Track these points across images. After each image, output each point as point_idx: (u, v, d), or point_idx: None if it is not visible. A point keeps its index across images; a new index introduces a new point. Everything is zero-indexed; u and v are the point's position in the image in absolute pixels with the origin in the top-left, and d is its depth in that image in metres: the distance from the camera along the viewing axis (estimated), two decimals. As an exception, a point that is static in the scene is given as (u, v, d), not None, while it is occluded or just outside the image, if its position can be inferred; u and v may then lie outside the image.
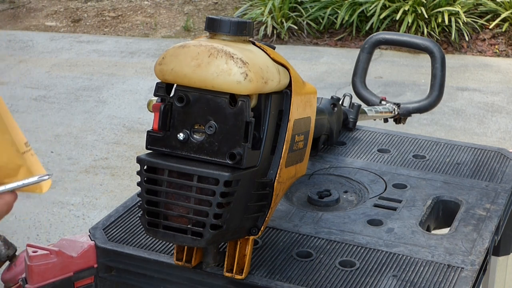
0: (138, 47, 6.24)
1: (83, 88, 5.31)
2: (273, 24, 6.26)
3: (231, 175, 1.07)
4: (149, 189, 1.11)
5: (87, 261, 1.28)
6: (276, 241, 1.30)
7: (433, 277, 1.21)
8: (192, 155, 1.10)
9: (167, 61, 1.10)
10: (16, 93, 5.20)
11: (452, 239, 1.31)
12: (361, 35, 6.28)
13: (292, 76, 1.15)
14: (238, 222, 1.13)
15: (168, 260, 1.25)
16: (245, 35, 1.13)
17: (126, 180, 3.97)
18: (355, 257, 1.26)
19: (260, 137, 1.12)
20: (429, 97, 1.85)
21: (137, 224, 1.36)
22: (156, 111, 1.12)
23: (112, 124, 4.71)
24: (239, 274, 1.19)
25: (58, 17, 7.08)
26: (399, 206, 1.41)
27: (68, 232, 3.49)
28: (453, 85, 5.33)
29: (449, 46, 6.10)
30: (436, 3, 6.14)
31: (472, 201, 1.44)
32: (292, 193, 1.47)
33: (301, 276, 1.21)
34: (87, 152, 4.32)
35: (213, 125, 1.09)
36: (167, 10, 7.17)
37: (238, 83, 1.06)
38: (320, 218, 1.37)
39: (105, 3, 7.36)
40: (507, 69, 5.77)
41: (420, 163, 1.60)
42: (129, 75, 5.57)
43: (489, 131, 4.66)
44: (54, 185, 3.92)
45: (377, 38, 1.90)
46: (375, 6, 6.13)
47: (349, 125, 1.71)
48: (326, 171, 1.55)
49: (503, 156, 1.64)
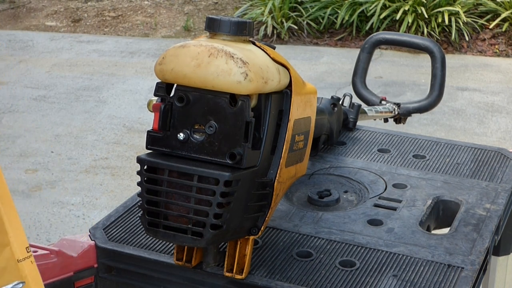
0: (138, 47, 6.24)
1: (83, 88, 5.30)
2: (273, 24, 6.25)
3: (231, 175, 1.07)
4: (149, 189, 1.11)
5: (87, 261, 1.28)
6: (276, 241, 1.30)
7: (433, 277, 1.21)
8: (192, 155, 1.10)
9: (167, 61, 1.10)
10: (16, 93, 5.20)
11: (452, 239, 1.31)
12: (361, 35, 6.27)
13: (292, 76, 1.15)
14: (238, 222, 1.12)
15: (168, 260, 1.25)
16: (245, 35, 1.13)
17: (126, 180, 3.97)
18: (355, 257, 1.26)
19: (260, 137, 1.12)
20: (429, 97, 1.85)
21: (137, 224, 1.36)
22: (156, 111, 1.12)
23: (112, 124, 4.71)
24: (239, 274, 1.19)
25: (58, 17, 7.08)
26: (399, 206, 1.41)
27: (68, 232, 3.49)
28: (453, 85, 5.33)
29: (449, 46, 6.10)
30: (436, 3, 6.13)
31: (472, 201, 1.44)
32: (292, 193, 1.46)
33: (301, 276, 1.21)
34: (87, 152, 4.32)
35: (213, 125, 1.09)
36: (167, 10, 7.16)
37: (238, 83, 1.06)
38: (320, 218, 1.37)
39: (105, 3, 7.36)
40: (507, 69, 5.76)
41: (420, 163, 1.60)
42: (129, 75, 5.56)
43: (489, 131, 4.66)
44: (54, 185, 3.92)
45: (377, 38, 1.90)
46: (375, 6, 6.12)
47: (349, 125, 1.71)
48: (326, 171, 1.55)
49: (503, 156, 1.64)
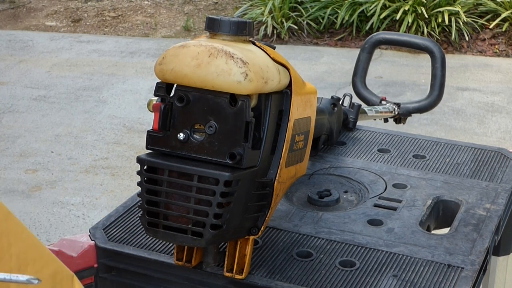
0: (138, 47, 6.24)
1: (83, 88, 5.30)
2: (273, 24, 6.25)
3: (231, 175, 1.07)
4: (149, 189, 1.11)
5: (87, 261, 1.28)
6: (276, 241, 1.30)
7: (433, 277, 1.21)
8: (192, 155, 1.10)
9: (167, 61, 1.10)
10: (16, 93, 5.20)
11: (452, 239, 1.31)
12: (361, 35, 6.27)
13: (292, 76, 1.15)
14: (238, 222, 1.12)
15: (168, 260, 1.25)
16: (245, 35, 1.13)
17: (126, 180, 3.97)
18: (355, 257, 1.26)
19: (260, 137, 1.12)
20: (429, 97, 1.85)
21: (137, 224, 1.36)
22: (156, 111, 1.12)
23: (112, 124, 4.71)
24: (239, 274, 1.18)
25: (58, 17, 7.08)
26: (399, 206, 1.41)
27: (68, 232, 3.49)
28: (453, 85, 5.33)
29: (449, 46, 6.10)
30: (436, 3, 6.13)
31: (472, 201, 1.44)
32: (292, 193, 1.46)
33: (301, 276, 1.21)
34: (87, 152, 4.32)
35: (213, 125, 1.09)
36: (167, 10, 7.16)
37: (238, 83, 1.06)
38: (320, 218, 1.37)
39: (105, 3, 7.36)
40: (507, 69, 5.76)
41: (420, 163, 1.60)
42: (129, 75, 5.56)
43: (489, 131, 4.66)
44: (54, 185, 3.92)
45: (377, 38, 1.89)
46: (375, 6, 6.12)
47: (349, 125, 1.71)
48: (326, 171, 1.55)
49: (503, 156, 1.64)
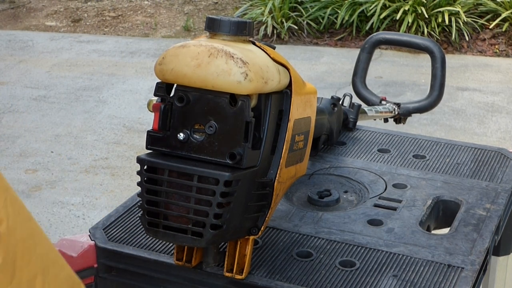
0: (138, 47, 6.24)
1: (83, 88, 5.30)
2: (273, 24, 6.25)
3: (231, 175, 1.07)
4: (149, 189, 1.11)
5: (87, 261, 1.28)
6: (276, 241, 1.30)
7: (433, 277, 1.21)
8: (192, 155, 1.10)
9: (167, 61, 1.10)
10: (16, 93, 5.20)
11: (452, 239, 1.31)
12: (361, 35, 6.27)
13: (292, 76, 1.15)
14: (238, 222, 1.12)
15: (168, 260, 1.25)
16: (245, 35, 1.13)
17: (126, 180, 3.97)
18: (355, 257, 1.26)
19: (260, 137, 1.12)
20: (429, 97, 1.85)
21: (137, 224, 1.36)
22: (156, 111, 1.12)
23: (112, 124, 4.71)
24: (239, 274, 1.18)
25: (58, 17, 7.08)
26: (399, 206, 1.41)
27: (68, 232, 3.49)
28: (453, 85, 5.33)
29: (449, 46, 6.10)
30: (436, 3, 6.13)
31: (472, 201, 1.44)
32: (292, 193, 1.46)
33: (301, 276, 1.21)
34: (87, 152, 4.32)
35: (213, 125, 1.09)
36: (167, 10, 7.16)
37: (238, 83, 1.06)
38: (320, 218, 1.37)
39: (105, 3, 7.36)
40: (507, 69, 5.76)
41: (420, 163, 1.60)
42: (129, 75, 5.56)
43: (489, 131, 4.66)
44: (54, 185, 3.92)
45: (377, 38, 1.89)
46: (375, 6, 6.12)
47: (349, 125, 1.71)
48: (326, 171, 1.55)
49: (503, 156, 1.64)
